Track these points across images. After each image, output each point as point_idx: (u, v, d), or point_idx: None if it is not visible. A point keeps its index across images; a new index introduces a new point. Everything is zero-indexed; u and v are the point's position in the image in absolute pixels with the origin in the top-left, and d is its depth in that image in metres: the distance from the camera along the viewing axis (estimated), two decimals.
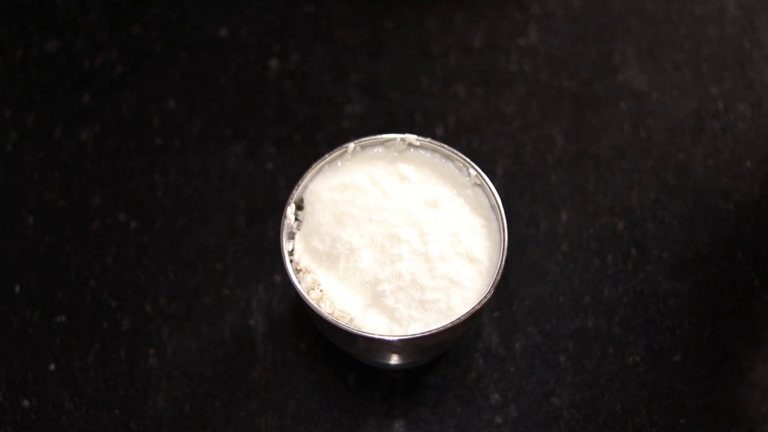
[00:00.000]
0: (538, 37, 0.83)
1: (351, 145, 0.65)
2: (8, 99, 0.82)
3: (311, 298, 0.62)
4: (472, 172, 0.65)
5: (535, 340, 0.72)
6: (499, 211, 0.63)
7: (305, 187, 0.65)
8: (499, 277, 0.61)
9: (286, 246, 0.63)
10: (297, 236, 0.64)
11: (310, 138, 0.80)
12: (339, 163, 0.66)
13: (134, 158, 0.79)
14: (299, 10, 0.86)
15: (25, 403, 0.71)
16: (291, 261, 0.63)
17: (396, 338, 0.60)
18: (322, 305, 0.62)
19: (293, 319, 0.73)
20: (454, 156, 0.65)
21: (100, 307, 0.74)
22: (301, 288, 0.62)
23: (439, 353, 0.71)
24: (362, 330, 0.61)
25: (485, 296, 0.61)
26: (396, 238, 0.63)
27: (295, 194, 0.64)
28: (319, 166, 0.65)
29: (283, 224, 0.63)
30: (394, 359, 0.67)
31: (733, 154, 0.79)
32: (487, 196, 0.65)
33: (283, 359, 0.72)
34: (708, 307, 0.73)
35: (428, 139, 0.66)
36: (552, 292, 0.74)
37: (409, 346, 0.62)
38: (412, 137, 0.65)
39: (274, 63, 0.83)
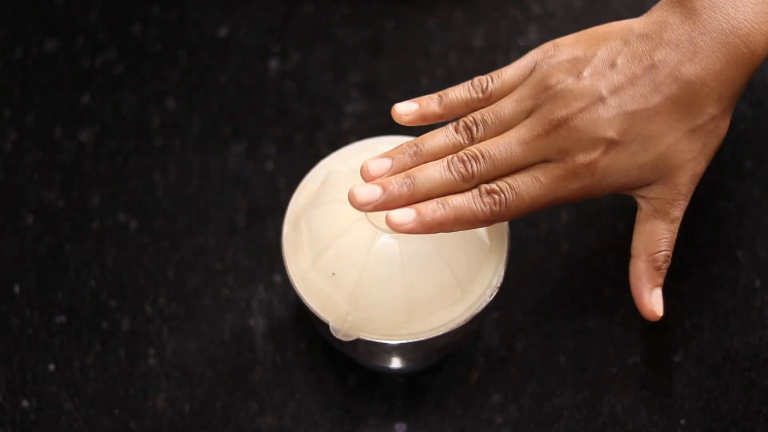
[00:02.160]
0: (538, 37, 0.83)
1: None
2: (8, 99, 0.82)
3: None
4: None
5: (536, 340, 0.72)
6: None
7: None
8: (501, 280, 0.61)
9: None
10: None
11: (310, 138, 0.80)
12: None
13: (134, 158, 0.79)
14: (299, 10, 0.86)
15: (25, 403, 0.71)
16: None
17: (396, 342, 0.60)
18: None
19: (293, 319, 0.73)
20: None
21: (100, 307, 0.74)
22: (301, 290, 0.61)
23: (441, 357, 0.71)
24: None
25: (487, 299, 0.61)
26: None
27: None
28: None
29: (284, 237, 0.63)
30: (395, 363, 0.67)
31: (733, 154, 0.79)
32: None
33: (283, 359, 0.72)
34: (708, 307, 0.73)
35: None
36: (552, 292, 0.74)
37: (410, 349, 0.62)
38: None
39: (274, 63, 0.83)
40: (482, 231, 0.62)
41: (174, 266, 0.75)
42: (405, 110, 0.60)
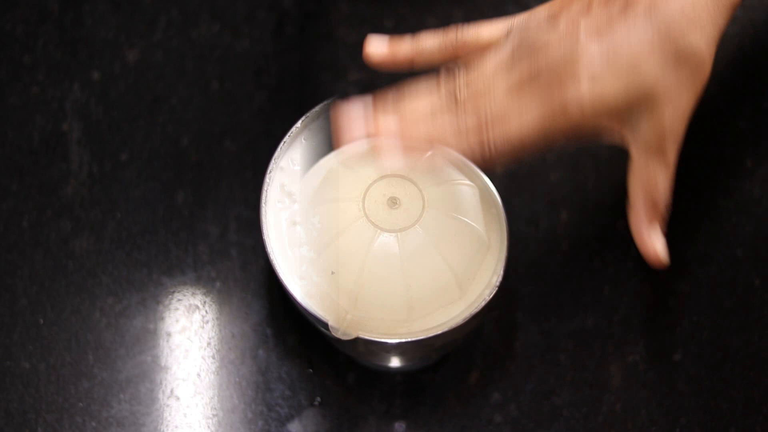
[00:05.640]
0: None
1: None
2: None
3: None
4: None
5: (535, 340, 0.72)
6: (499, 210, 0.63)
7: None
8: (500, 279, 0.61)
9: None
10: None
11: None
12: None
13: None
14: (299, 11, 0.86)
15: None
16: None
17: (396, 341, 0.60)
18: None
19: (292, 316, 0.73)
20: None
21: None
22: (300, 290, 0.61)
23: (440, 355, 0.71)
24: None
25: (487, 298, 0.61)
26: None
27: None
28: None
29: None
30: (394, 361, 0.67)
31: (733, 154, 0.79)
32: (488, 195, 0.64)
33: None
34: (708, 307, 0.73)
35: None
36: (552, 292, 0.74)
37: (409, 348, 0.62)
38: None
39: (273, 63, 0.83)
40: (482, 229, 0.62)
41: None
42: (375, 47, 0.63)
